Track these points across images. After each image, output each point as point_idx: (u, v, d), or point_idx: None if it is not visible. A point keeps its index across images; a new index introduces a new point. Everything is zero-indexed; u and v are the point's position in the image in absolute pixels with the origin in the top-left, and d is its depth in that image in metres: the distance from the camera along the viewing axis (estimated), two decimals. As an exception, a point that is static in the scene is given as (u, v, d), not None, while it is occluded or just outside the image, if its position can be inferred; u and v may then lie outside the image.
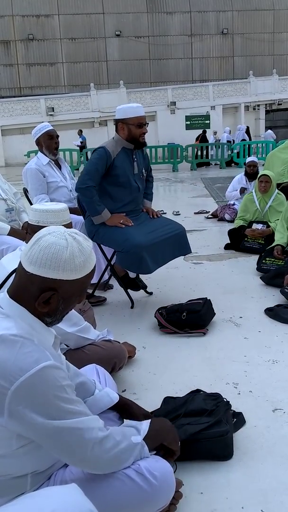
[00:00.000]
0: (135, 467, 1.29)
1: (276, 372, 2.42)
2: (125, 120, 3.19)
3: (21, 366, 1.08)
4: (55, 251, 1.16)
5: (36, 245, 1.18)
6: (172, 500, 1.45)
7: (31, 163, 3.82)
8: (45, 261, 1.16)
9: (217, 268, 4.39)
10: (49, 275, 1.16)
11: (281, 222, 4.17)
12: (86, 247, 1.22)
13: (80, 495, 1.03)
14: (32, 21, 28.08)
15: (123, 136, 3.23)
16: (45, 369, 1.09)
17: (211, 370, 2.46)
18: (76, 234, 1.22)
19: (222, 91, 24.83)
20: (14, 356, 1.09)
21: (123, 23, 28.93)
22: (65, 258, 1.16)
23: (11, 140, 22.38)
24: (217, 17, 30.05)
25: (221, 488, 1.64)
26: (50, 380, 1.10)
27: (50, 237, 1.18)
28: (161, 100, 23.86)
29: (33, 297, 1.19)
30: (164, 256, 3.24)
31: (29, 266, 1.17)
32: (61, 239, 1.18)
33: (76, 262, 1.18)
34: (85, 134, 20.68)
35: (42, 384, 1.09)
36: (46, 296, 1.18)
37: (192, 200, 9.07)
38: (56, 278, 1.17)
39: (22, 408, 1.08)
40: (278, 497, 1.59)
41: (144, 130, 3.23)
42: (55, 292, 1.18)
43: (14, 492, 1.20)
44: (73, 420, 1.13)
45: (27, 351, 1.10)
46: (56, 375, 1.12)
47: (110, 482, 1.25)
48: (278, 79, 25.72)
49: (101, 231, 3.24)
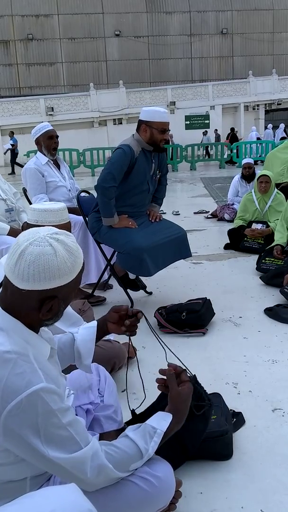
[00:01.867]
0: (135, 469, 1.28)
1: (275, 372, 2.42)
2: (149, 123, 3.14)
3: (12, 389, 1.05)
4: (45, 262, 1.10)
5: (21, 260, 1.11)
6: (172, 499, 1.44)
7: (30, 163, 3.82)
8: (38, 275, 1.10)
9: (216, 268, 4.39)
10: (47, 287, 1.12)
11: (281, 221, 4.17)
12: (71, 244, 1.17)
13: (79, 495, 1.03)
14: (31, 20, 28.09)
15: (144, 138, 3.18)
16: (36, 393, 1.06)
17: (211, 370, 2.46)
18: (57, 234, 1.16)
19: (222, 91, 24.85)
20: (5, 377, 1.05)
21: (122, 23, 28.95)
22: (57, 265, 1.12)
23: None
24: (216, 17, 30.07)
25: (221, 487, 1.64)
26: (40, 404, 1.07)
27: (33, 248, 1.11)
28: (161, 100, 23.87)
29: (33, 309, 1.15)
30: (165, 259, 3.24)
31: (22, 283, 1.11)
32: (46, 247, 1.12)
33: (68, 265, 1.14)
34: (84, 134, 20.68)
35: (32, 408, 1.06)
36: (49, 305, 1.15)
37: (192, 200, 9.08)
38: (55, 286, 1.13)
39: (14, 431, 1.06)
40: (277, 497, 1.59)
41: (166, 136, 3.20)
42: (56, 298, 1.16)
43: (13, 495, 1.19)
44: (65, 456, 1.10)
45: (19, 371, 1.07)
46: (48, 399, 1.08)
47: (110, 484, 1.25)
48: (278, 79, 25.75)
49: (103, 229, 3.22)
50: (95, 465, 1.15)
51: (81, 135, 21.72)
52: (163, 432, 1.27)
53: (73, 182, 4.01)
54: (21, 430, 1.06)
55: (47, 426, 1.08)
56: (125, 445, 1.24)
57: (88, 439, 1.16)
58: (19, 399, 1.04)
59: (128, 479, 1.26)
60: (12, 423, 1.05)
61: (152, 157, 3.26)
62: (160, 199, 3.54)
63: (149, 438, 1.26)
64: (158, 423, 1.29)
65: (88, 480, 1.15)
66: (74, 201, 3.82)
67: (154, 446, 1.26)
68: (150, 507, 1.30)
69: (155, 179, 3.36)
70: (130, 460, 1.22)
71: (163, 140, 3.19)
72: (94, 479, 1.16)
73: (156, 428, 1.28)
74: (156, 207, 3.47)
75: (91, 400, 1.64)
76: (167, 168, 3.53)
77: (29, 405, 1.05)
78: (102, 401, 1.67)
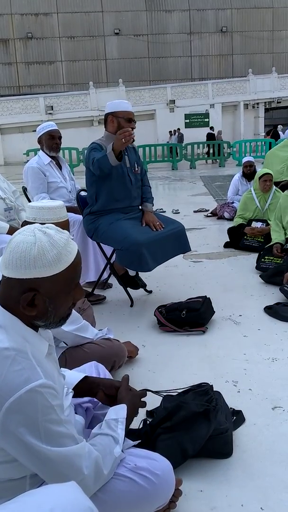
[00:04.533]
0: (133, 467, 1.29)
1: (275, 370, 2.42)
2: (115, 113, 3.24)
3: (10, 386, 1.05)
4: (23, 250, 1.11)
5: (8, 248, 1.14)
6: (172, 497, 1.45)
7: (32, 162, 3.81)
8: (15, 262, 1.11)
9: (216, 266, 4.39)
10: (23, 276, 1.12)
11: (275, 221, 4.18)
12: (59, 239, 1.15)
13: (79, 493, 1.03)
14: (31, 19, 28.07)
15: (112, 129, 3.25)
16: (35, 389, 1.06)
17: (211, 368, 2.46)
18: (47, 228, 1.17)
19: (221, 89, 24.83)
20: (4, 374, 1.06)
21: (122, 21, 28.92)
22: (34, 254, 1.11)
23: (10, 139, 22.39)
24: (216, 15, 30.04)
25: (221, 485, 1.64)
26: (39, 401, 1.07)
27: (18, 237, 1.14)
28: (160, 98, 23.86)
29: (17, 302, 1.14)
30: (164, 253, 3.24)
31: (5, 270, 1.13)
32: (28, 236, 1.13)
33: (48, 257, 1.12)
34: (84, 133, 20.67)
35: (31, 404, 1.06)
36: (28, 297, 1.13)
37: (192, 199, 9.08)
38: (31, 277, 1.12)
39: (12, 429, 1.06)
40: (277, 495, 1.59)
41: (132, 125, 3.24)
42: (36, 292, 1.13)
43: (13, 494, 1.19)
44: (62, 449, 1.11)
45: (17, 368, 1.07)
46: (46, 395, 1.09)
47: (110, 482, 1.25)
48: (277, 77, 25.72)
49: (100, 229, 3.23)
50: (92, 459, 1.17)
51: (80, 134, 21.70)
52: (124, 418, 1.36)
53: (74, 183, 4.01)
54: (18, 428, 1.06)
55: (46, 422, 1.08)
56: (98, 440, 1.28)
57: (80, 438, 1.18)
58: (18, 395, 1.04)
59: (128, 476, 1.26)
60: (11, 420, 1.05)
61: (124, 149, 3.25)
62: (150, 198, 3.52)
63: (114, 426, 1.33)
64: (116, 414, 1.38)
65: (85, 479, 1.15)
66: (74, 202, 3.82)
67: (122, 430, 1.33)
68: (149, 504, 1.31)
69: (135, 172, 3.39)
70: (109, 447, 1.27)
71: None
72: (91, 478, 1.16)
73: (117, 417, 1.36)
74: (149, 206, 3.44)
75: (91, 399, 1.64)
76: (143, 167, 3.56)
77: (28, 402, 1.05)
78: None
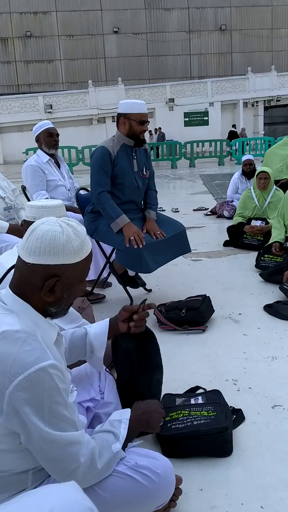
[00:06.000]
0: (134, 465, 1.29)
1: (275, 368, 2.42)
2: (127, 115, 3.14)
3: (21, 364, 1.08)
4: (52, 237, 1.18)
5: (32, 236, 1.19)
6: (172, 496, 1.45)
7: (31, 160, 3.81)
8: (44, 249, 1.17)
9: (216, 265, 4.39)
10: (50, 262, 1.18)
11: (277, 219, 4.16)
12: (81, 230, 1.24)
13: (79, 493, 1.03)
14: (29, 18, 28.02)
15: (123, 131, 3.18)
16: (44, 368, 1.09)
17: (211, 367, 2.46)
18: (68, 221, 1.25)
19: (221, 88, 24.79)
20: (15, 353, 1.09)
21: (121, 19, 28.88)
22: (62, 242, 1.18)
23: (9, 138, 22.36)
24: (215, 13, 29.99)
25: (221, 484, 1.64)
26: (47, 381, 1.10)
27: (44, 226, 1.20)
28: (160, 97, 23.83)
29: (37, 288, 1.20)
30: (165, 255, 3.22)
31: (29, 257, 1.18)
32: (55, 226, 1.20)
33: (73, 245, 1.20)
34: (83, 132, 20.63)
35: (39, 383, 1.08)
36: (51, 284, 1.19)
37: (191, 197, 9.07)
38: (57, 263, 1.18)
39: (19, 407, 1.08)
40: (277, 493, 1.59)
41: (145, 127, 3.19)
42: (58, 279, 1.20)
43: (15, 489, 1.20)
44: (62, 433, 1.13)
45: (28, 349, 1.10)
46: (54, 376, 1.12)
47: (110, 480, 1.25)
48: (277, 75, 25.68)
49: (100, 228, 3.22)
50: (89, 449, 1.18)
51: (80, 133, 21.69)
52: (128, 419, 1.35)
53: (72, 182, 4.00)
54: (24, 407, 1.08)
55: (51, 403, 1.11)
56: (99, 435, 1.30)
57: (80, 426, 1.20)
58: (28, 373, 1.07)
59: (128, 474, 1.27)
60: (17, 398, 1.08)
61: (133, 152, 3.25)
62: (154, 205, 3.44)
63: (117, 425, 1.33)
64: (120, 416, 1.38)
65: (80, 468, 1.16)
66: (73, 200, 3.82)
67: (124, 428, 1.32)
68: (149, 503, 1.31)
69: (143, 176, 3.33)
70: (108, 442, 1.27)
71: (142, 131, 3.19)
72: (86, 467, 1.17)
73: (120, 418, 1.36)
74: (152, 214, 3.34)
75: (92, 397, 1.64)
76: (152, 170, 3.49)
77: (37, 380, 1.08)
78: (103, 398, 1.67)
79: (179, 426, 1.79)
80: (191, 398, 1.98)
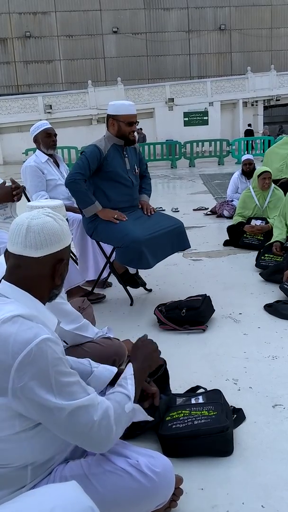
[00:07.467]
0: (135, 463, 1.29)
1: (275, 368, 2.42)
2: (116, 117, 3.22)
3: (21, 341, 1.13)
4: (50, 227, 1.29)
5: (30, 233, 1.27)
6: (173, 496, 1.45)
7: (30, 161, 3.82)
8: (50, 239, 1.28)
9: (216, 264, 4.39)
10: (57, 248, 1.30)
11: (279, 218, 4.17)
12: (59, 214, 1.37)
13: (80, 492, 1.03)
14: (29, 18, 27.99)
15: (112, 132, 3.26)
16: (44, 341, 1.14)
17: (211, 367, 2.46)
18: (45, 210, 1.35)
19: (220, 87, 24.75)
20: (14, 333, 1.14)
21: (120, 19, 28.84)
22: (58, 228, 1.31)
23: (9, 138, 22.32)
24: (214, 13, 29.96)
25: (222, 484, 1.64)
26: (49, 352, 1.15)
27: (36, 221, 1.30)
28: (159, 96, 23.79)
29: (47, 276, 1.31)
30: (164, 250, 3.23)
31: (37, 252, 1.27)
32: (45, 217, 1.31)
33: (65, 228, 1.34)
34: (83, 132, 20.60)
35: (42, 356, 1.13)
36: (60, 268, 1.31)
37: (191, 197, 9.07)
38: (61, 248, 1.31)
39: (25, 383, 1.11)
40: (278, 493, 1.59)
41: (134, 128, 3.27)
42: (64, 260, 1.33)
43: (15, 485, 1.20)
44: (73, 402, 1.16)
45: (26, 327, 1.16)
46: (54, 348, 1.17)
47: (110, 478, 1.26)
48: (276, 75, 25.64)
49: (99, 228, 3.23)
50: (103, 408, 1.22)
51: (79, 133, 21.65)
52: (131, 374, 1.40)
53: None
54: (30, 381, 1.11)
55: (56, 373, 1.15)
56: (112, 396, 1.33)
57: (90, 389, 1.24)
58: (29, 348, 1.12)
59: (129, 472, 1.27)
60: (23, 374, 1.11)
61: (124, 151, 3.31)
62: (148, 190, 3.58)
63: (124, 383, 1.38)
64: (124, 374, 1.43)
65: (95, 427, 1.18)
66: (73, 200, 3.82)
67: (131, 385, 1.37)
68: (149, 501, 1.31)
69: (135, 173, 3.41)
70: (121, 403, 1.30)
71: (131, 132, 3.26)
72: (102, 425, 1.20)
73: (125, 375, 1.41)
74: (145, 197, 3.51)
75: None
76: (146, 163, 3.62)
77: (39, 353, 1.13)
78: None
79: (180, 426, 1.79)
80: (191, 397, 1.99)
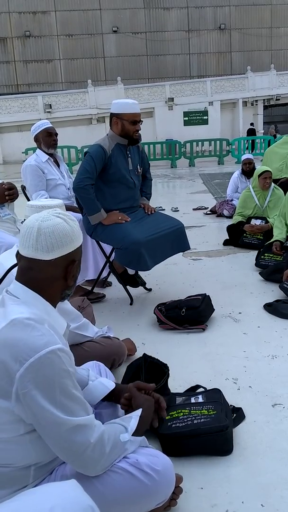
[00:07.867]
0: (135, 462, 1.29)
1: (275, 367, 2.43)
2: (119, 115, 3.19)
3: (31, 347, 1.12)
4: (61, 229, 1.28)
5: (41, 236, 1.26)
6: (173, 495, 1.45)
7: (30, 160, 3.82)
8: (61, 241, 1.27)
9: (216, 264, 4.39)
10: (69, 250, 1.29)
11: (279, 218, 4.17)
12: (69, 214, 1.36)
13: (79, 491, 1.03)
14: (28, 17, 27.97)
15: (116, 131, 3.23)
16: (54, 351, 1.14)
17: (211, 366, 2.46)
18: (55, 211, 1.34)
19: (220, 87, 24.74)
20: (25, 338, 1.13)
21: (120, 19, 28.82)
22: (70, 230, 1.30)
23: (8, 138, 22.31)
24: (214, 12, 29.93)
25: (221, 483, 1.64)
26: (57, 363, 1.14)
27: (47, 223, 1.28)
28: (159, 96, 23.78)
29: (60, 278, 1.30)
30: (163, 252, 3.23)
31: (48, 254, 1.26)
32: (55, 219, 1.29)
33: (76, 229, 1.32)
34: (83, 131, 20.58)
35: (49, 366, 1.12)
36: (72, 269, 1.31)
37: (191, 196, 9.07)
38: (73, 249, 1.31)
39: (29, 390, 1.11)
40: (278, 492, 1.59)
41: (138, 127, 3.22)
42: (76, 261, 1.32)
43: (17, 485, 1.21)
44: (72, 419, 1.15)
45: (38, 334, 1.15)
46: (64, 359, 1.16)
47: (110, 477, 1.26)
48: (276, 74, 25.63)
49: (99, 228, 3.23)
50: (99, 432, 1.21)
51: (79, 132, 21.63)
52: (138, 416, 1.38)
53: (71, 181, 4.00)
54: (34, 390, 1.10)
55: (62, 386, 1.14)
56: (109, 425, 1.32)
57: (90, 409, 1.24)
58: (38, 356, 1.11)
59: (129, 471, 1.27)
60: (28, 381, 1.10)
61: (127, 151, 3.29)
62: (148, 194, 3.57)
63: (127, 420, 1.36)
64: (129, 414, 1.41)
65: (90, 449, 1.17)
66: (73, 199, 3.83)
67: (133, 423, 1.35)
68: (149, 500, 1.31)
69: (138, 173, 3.38)
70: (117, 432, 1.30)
71: (135, 131, 3.22)
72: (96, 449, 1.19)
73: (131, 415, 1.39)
74: (145, 201, 3.51)
75: None
76: (148, 163, 3.60)
77: (47, 363, 1.12)
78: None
79: (180, 425, 1.79)
80: (191, 397, 1.99)
